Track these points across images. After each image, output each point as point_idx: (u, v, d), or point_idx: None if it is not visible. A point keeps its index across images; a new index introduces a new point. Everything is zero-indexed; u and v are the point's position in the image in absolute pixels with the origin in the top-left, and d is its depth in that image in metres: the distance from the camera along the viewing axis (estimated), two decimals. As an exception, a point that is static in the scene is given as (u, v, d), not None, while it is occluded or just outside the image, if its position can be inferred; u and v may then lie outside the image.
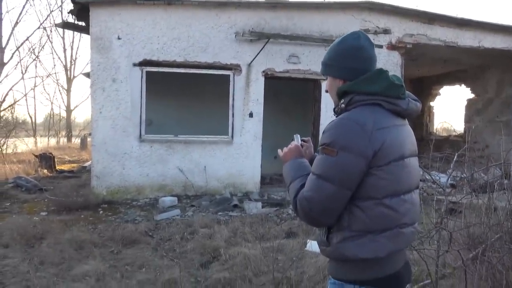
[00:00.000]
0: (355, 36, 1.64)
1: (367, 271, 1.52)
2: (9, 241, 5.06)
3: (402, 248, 1.58)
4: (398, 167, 1.51)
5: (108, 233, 5.50)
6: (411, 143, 1.62)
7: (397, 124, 1.56)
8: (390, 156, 1.48)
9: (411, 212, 1.57)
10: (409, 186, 1.57)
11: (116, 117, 7.75)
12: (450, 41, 9.24)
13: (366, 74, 1.57)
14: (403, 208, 1.53)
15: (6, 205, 7.35)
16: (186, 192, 7.99)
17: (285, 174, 1.72)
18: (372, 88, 1.54)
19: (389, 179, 1.49)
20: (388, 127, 1.51)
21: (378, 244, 1.49)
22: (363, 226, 1.49)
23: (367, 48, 1.62)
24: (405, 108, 1.57)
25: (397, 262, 1.56)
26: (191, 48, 7.96)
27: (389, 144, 1.48)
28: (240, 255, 4.44)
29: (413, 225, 1.59)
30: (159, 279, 4.00)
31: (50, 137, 27.72)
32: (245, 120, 8.30)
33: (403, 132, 1.58)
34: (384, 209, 1.49)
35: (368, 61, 1.62)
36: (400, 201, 1.52)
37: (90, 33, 7.68)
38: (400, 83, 1.57)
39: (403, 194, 1.53)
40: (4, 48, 20.94)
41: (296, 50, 8.39)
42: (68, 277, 4.09)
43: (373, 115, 1.50)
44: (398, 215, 1.51)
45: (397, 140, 1.52)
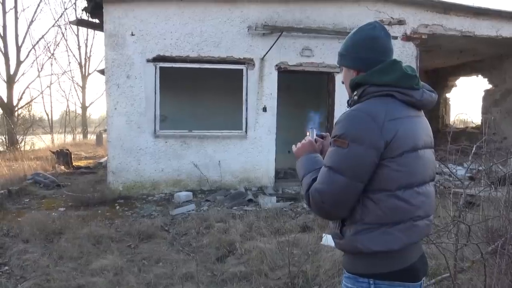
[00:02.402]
0: (370, 26, 1.61)
1: (381, 264, 1.49)
2: (29, 236, 5.16)
3: (416, 241, 1.54)
4: (412, 158, 1.48)
5: (125, 228, 5.57)
6: (426, 134, 1.59)
7: (411, 115, 1.53)
8: (403, 147, 1.46)
9: (426, 205, 1.54)
10: (423, 178, 1.53)
11: (131, 113, 7.82)
12: (467, 31, 9.06)
13: (379, 65, 1.54)
14: (417, 200, 1.50)
15: (26, 201, 7.49)
16: (201, 187, 8.03)
17: (298, 169, 1.70)
18: (384, 79, 1.51)
19: (402, 171, 1.46)
20: (400, 118, 1.48)
21: (391, 236, 1.47)
22: (376, 219, 1.47)
23: (383, 38, 1.58)
24: (419, 98, 1.54)
25: (412, 255, 1.53)
26: (204, 43, 7.96)
27: (401, 135, 1.45)
28: (255, 249, 4.45)
29: (427, 218, 1.56)
30: (176, 273, 4.03)
31: (66, 134, 28.14)
32: (259, 114, 8.28)
33: (418, 123, 1.55)
34: (397, 201, 1.46)
35: (383, 52, 1.58)
36: (413, 193, 1.49)
37: (104, 30, 7.75)
38: (414, 73, 1.54)
39: (417, 186, 1.50)
40: (20, 46, 21.26)
41: (309, 43, 8.33)
42: (87, 271, 4.15)
43: (385, 106, 1.48)
44: (412, 208, 1.49)
45: (411, 131, 1.49)
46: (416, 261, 1.54)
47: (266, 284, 3.78)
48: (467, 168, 3.84)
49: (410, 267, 1.51)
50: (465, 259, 3.77)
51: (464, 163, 7.97)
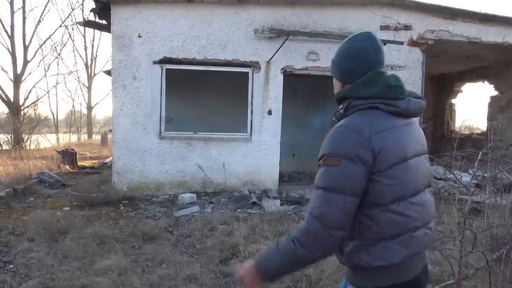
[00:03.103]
0: (360, 37, 1.59)
1: (383, 278, 1.48)
2: (34, 235, 5.19)
3: (417, 251, 1.51)
4: (401, 170, 1.46)
5: (129, 229, 5.59)
6: (417, 142, 1.57)
7: (399, 124, 1.51)
8: (391, 160, 1.44)
9: (422, 214, 1.52)
10: (415, 187, 1.51)
11: (137, 114, 7.86)
12: (473, 37, 9.05)
13: (363, 77, 1.53)
14: (412, 211, 1.48)
15: (31, 199, 7.54)
16: (205, 189, 8.05)
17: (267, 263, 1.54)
18: (368, 91, 1.50)
19: (393, 184, 1.44)
20: (386, 129, 1.46)
21: (391, 250, 1.45)
22: (374, 234, 1.45)
23: (370, 50, 1.56)
24: (405, 108, 1.52)
25: (414, 267, 1.51)
26: (210, 45, 8.00)
27: (388, 147, 1.43)
28: (258, 253, 4.45)
29: (426, 226, 1.54)
30: (180, 275, 4.04)
31: (72, 133, 28.28)
32: (264, 117, 8.30)
33: (406, 132, 1.53)
34: (392, 215, 1.44)
35: (369, 64, 1.55)
36: (408, 204, 1.47)
37: (112, 31, 7.80)
38: (398, 83, 1.52)
39: (411, 197, 1.48)
40: (27, 46, 21.42)
41: (315, 47, 8.34)
42: (91, 271, 4.17)
43: (370, 119, 1.47)
44: (408, 220, 1.47)
45: (398, 142, 1.48)
46: (420, 272, 1.53)
47: (269, 287, 3.78)
48: (473, 175, 3.83)
49: (414, 279, 1.50)
50: (469, 266, 3.76)
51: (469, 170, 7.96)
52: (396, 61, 8.71)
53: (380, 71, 1.54)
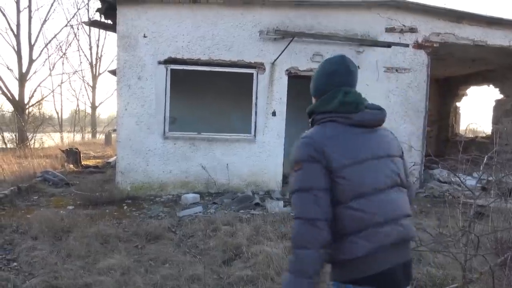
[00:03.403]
0: (333, 60, 1.84)
1: (355, 270, 1.60)
2: (37, 234, 5.21)
3: (384, 245, 1.59)
4: (354, 171, 1.62)
5: (133, 228, 5.59)
6: (379, 147, 1.73)
7: (355, 132, 1.70)
8: (342, 162, 1.61)
9: (386, 211, 1.63)
10: (374, 186, 1.63)
11: (141, 114, 7.88)
12: (479, 40, 9.02)
13: (325, 95, 1.79)
14: (372, 208, 1.60)
15: (35, 198, 7.56)
16: (209, 189, 8.05)
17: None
18: (327, 107, 1.75)
19: (348, 184, 1.60)
20: (337, 135, 1.68)
21: (356, 245, 1.58)
22: (341, 230, 1.59)
23: (340, 73, 1.80)
24: (359, 120, 1.71)
25: (387, 259, 1.60)
26: (215, 46, 8.01)
27: (338, 150, 1.63)
28: (262, 254, 4.44)
29: (395, 223, 1.63)
30: (183, 275, 4.04)
31: (76, 133, 28.37)
32: (268, 118, 8.30)
33: (363, 138, 1.70)
34: (352, 211, 1.59)
35: (335, 84, 1.79)
36: (367, 201, 1.60)
37: (117, 31, 7.82)
38: (352, 100, 1.72)
39: (370, 195, 1.62)
40: (33, 45, 21.52)
41: (320, 49, 8.34)
42: (94, 270, 4.18)
43: (323, 129, 1.71)
44: (368, 216, 1.59)
45: (350, 147, 1.66)
46: (393, 267, 1.61)
47: (272, 289, 3.78)
48: (478, 178, 3.82)
49: (388, 272, 1.60)
50: (473, 270, 3.74)
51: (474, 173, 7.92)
52: (401, 63, 8.69)
53: (340, 89, 1.75)
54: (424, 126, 8.99)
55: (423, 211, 6.88)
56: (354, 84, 1.83)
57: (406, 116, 8.82)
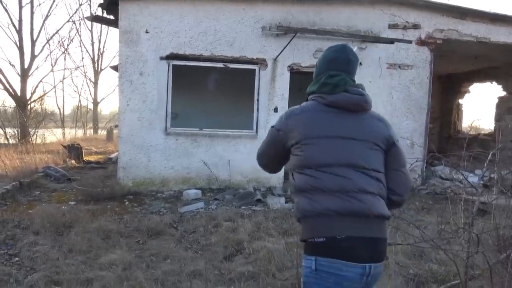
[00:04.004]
0: (334, 48, 2.01)
1: (307, 230, 1.78)
2: (39, 229, 5.22)
3: (331, 210, 1.72)
4: (309, 146, 1.82)
5: (134, 224, 5.60)
6: (349, 129, 1.86)
7: (329, 112, 1.87)
8: (300, 136, 1.85)
9: (338, 183, 1.76)
10: (328, 161, 1.79)
11: (143, 109, 7.87)
12: (483, 37, 8.96)
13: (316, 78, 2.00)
14: (323, 176, 1.77)
15: (36, 193, 7.57)
16: (210, 185, 8.05)
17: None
18: (312, 88, 1.98)
19: (302, 155, 1.84)
20: (306, 112, 1.90)
21: (307, 200, 1.78)
22: (296, 188, 1.85)
23: (338, 60, 1.96)
24: (332, 101, 1.87)
25: (334, 226, 1.71)
26: (217, 42, 7.99)
27: (301, 126, 1.87)
28: (263, 250, 4.44)
29: (347, 194, 1.74)
30: (184, 270, 4.04)
31: (78, 128, 28.39)
32: (270, 115, 8.28)
33: (336, 119, 1.86)
34: (304, 176, 1.82)
35: (330, 69, 1.95)
36: (318, 172, 1.78)
37: (119, 26, 7.80)
38: (331, 82, 1.90)
39: (324, 167, 1.78)
40: (35, 40, 21.50)
41: (322, 45, 8.29)
42: (96, 265, 4.18)
43: (301, 106, 1.94)
44: (318, 181, 1.77)
45: (314, 124, 1.86)
46: (351, 238, 1.69)
47: (273, 285, 3.77)
48: (481, 175, 3.80)
49: (342, 242, 1.68)
50: (476, 266, 3.73)
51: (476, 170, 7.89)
52: (404, 60, 8.65)
53: (327, 74, 1.92)
54: (426, 123, 8.95)
55: (425, 207, 6.87)
56: (350, 72, 1.97)
57: (408, 112, 8.79)
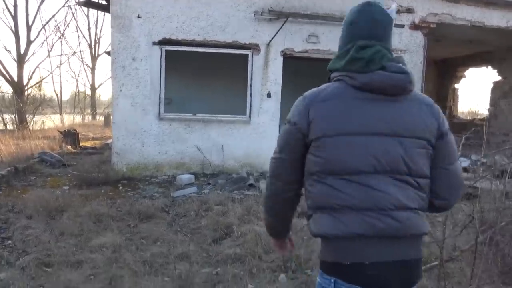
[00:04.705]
0: (354, 9, 1.55)
1: (326, 252, 1.45)
2: (32, 213, 5.29)
3: (359, 233, 1.39)
4: (335, 143, 1.42)
5: (126, 208, 5.68)
6: (384, 121, 1.43)
7: (360, 97, 1.44)
8: (324, 131, 1.43)
9: (369, 197, 1.39)
10: (356, 167, 1.41)
11: (136, 95, 7.89)
12: (477, 21, 8.94)
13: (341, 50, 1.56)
14: (349, 189, 1.40)
15: (32, 178, 7.65)
16: (204, 170, 8.12)
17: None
18: (338, 64, 1.51)
19: (323, 157, 1.43)
20: (332, 98, 1.46)
21: (327, 221, 1.42)
22: (313, 203, 1.48)
23: (361, 23, 1.51)
24: (365, 82, 1.43)
25: (362, 252, 1.39)
26: (210, 27, 7.96)
27: (324, 117, 1.44)
28: (251, 233, 4.53)
29: (380, 212, 1.39)
30: (172, 253, 4.13)
31: (76, 114, 28.39)
32: (263, 100, 8.31)
33: (368, 106, 1.43)
34: (327, 187, 1.43)
35: (354, 37, 1.51)
36: (346, 183, 1.41)
37: (111, 11, 7.77)
38: (363, 56, 1.44)
39: (349, 175, 1.41)
40: (30, 26, 21.38)
41: (315, 30, 8.28)
42: (86, 248, 4.28)
43: (324, 89, 1.50)
44: (342, 195, 1.40)
45: (341, 114, 1.43)
46: (378, 264, 1.38)
47: (259, 266, 3.87)
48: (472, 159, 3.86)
49: (368, 268, 1.38)
50: (457, 248, 3.82)
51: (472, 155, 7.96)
52: (397, 44, 8.63)
53: (355, 44, 1.47)
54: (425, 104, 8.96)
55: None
56: (380, 36, 1.49)
57: (401, 97, 8.80)
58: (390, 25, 1.53)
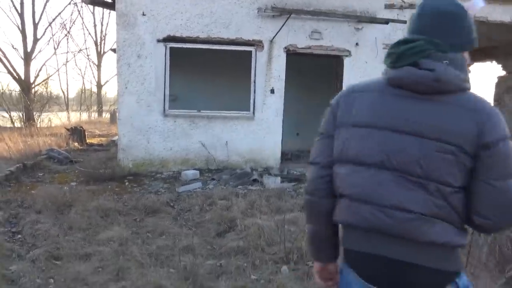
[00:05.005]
0: (424, 2, 1.45)
1: (344, 239, 1.50)
2: (41, 208, 5.43)
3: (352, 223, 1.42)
4: (349, 134, 1.44)
5: (132, 203, 5.80)
6: (407, 119, 1.35)
7: (390, 93, 1.40)
8: (344, 120, 1.46)
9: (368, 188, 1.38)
10: (360, 158, 1.40)
11: (141, 92, 8.00)
12: (480, 16, 8.91)
13: None
14: (353, 179, 1.41)
15: (40, 175, 7.79)
16: (208, 166, 8.22)
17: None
18: (384, 60, 1.47)
19: (337, 144, 1.47)
20: (364, 91, 1.47)
21: (338, 208, 1.48)
22: (336, 190, 1.49)
23: (424, 16, 1.42)
24: (393, 77, 1.40)
25: (356, 241, 1.43)
26: (213, 24, 8.04)
27: (349, 108, 1.46)
28: (254, 226, 4.63)
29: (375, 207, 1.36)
30: (177, 246, 4.24)
31: (82, 111, 28.62)
32: (267, 96, 8.39)
33: (394, 103, 1.39)
34: (337, 174, 1.47)
35: (418, 31, 1.41)
36: (351, 172, 1.42)
37: (116, 9, 7.87)
38: (395, 51, 1.39)
39: (355, 166, 1.41)
40: (37, 23, 21.56)
41: (318, 26, 8.34)
42: (94, 241, 4.40)
43: (366, 82, 1.51)
44: (345, 184, 1.43)
45: (364, 106, 1.43)
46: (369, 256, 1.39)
47: (262, 258, 3.97)
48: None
49: (362, 259, 1.41)
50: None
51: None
52: (400, 40, 8.66)
53: (405, 38, 1.41)
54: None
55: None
56: (442, 33, 1.37)
57: (404, 93, 8.85)
58: (459, 17, 1.40)
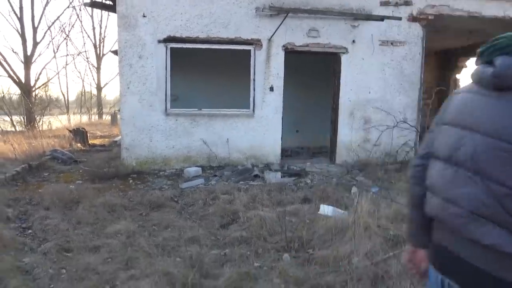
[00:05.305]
0: None
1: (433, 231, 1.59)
2: (49, 205, 5.60)
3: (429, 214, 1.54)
4: (438, 130, 1.56)
5: (137, 198, 5.97)
6: (481, 116, 1.37)
7: (475, 92, 1.45)
8: (441, 116, 1.58)
9: (439, 181, 1.49)
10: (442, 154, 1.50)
11: (143, 92, 8.16)
12: (474, 12, 9.09)
13: None
14: (430, 170, 1.55)
15: (45, 174, 7.95)
16: (210, 163, 8.39)
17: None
18: None
19: (430, 139, 1.61)
20: (459, 92, 1.56)
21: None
22: None
23: None
24: (475, 74, 1.47)
25: (438, 233, 1.53)
26: (213, 24, 8.21)
27: (444, 107, 1.58)
28: (256, 217, 4.79)
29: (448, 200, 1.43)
30: (183, 237, 4.41)
31: (82, 114, 28.77)
32: (266, 94, 8.55)
33: (476, 101, 1.43)
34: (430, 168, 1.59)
35: None
36: (431, 164, 1.56)
37: (117, 11, 8.03)
38: (482, 49, 1.46)
39: (434, 159, 1.54)
40: (36, 27, 21.71)
41: (316, 24, 8.50)
42: (102, 235, 4.56)
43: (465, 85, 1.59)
44: (427, 176, 1.57)
45: (454, 106, 1.53)
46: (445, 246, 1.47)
47: (264, 247, 4.13)
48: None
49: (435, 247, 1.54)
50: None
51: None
52: (396, 36, 8.84)
53: (495, 37, 1.46)
54: (419, 98, 9.18)
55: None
56: None
57: (401, 88, 9.02)
58: None
